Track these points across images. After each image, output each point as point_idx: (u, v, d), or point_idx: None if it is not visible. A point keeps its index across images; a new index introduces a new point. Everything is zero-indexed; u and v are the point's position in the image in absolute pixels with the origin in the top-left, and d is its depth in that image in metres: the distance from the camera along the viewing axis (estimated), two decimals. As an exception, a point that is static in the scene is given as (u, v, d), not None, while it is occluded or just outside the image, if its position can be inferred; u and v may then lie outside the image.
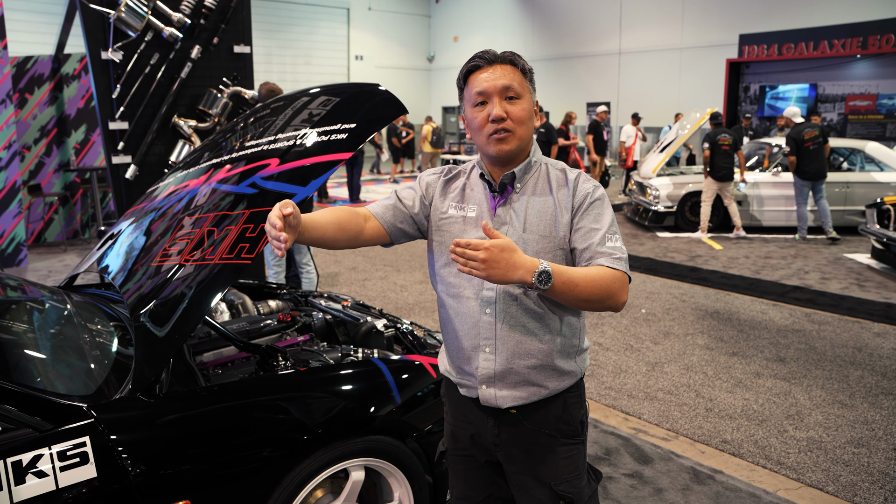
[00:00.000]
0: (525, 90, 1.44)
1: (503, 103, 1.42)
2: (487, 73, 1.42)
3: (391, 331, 2.52)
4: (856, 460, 2.94)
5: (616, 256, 1.37)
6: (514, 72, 1.43)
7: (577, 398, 1.52)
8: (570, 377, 1.50)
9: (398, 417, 1.98)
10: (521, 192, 1.47)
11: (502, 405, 1.46)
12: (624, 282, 1.36)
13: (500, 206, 1.47)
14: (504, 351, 1.44)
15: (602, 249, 1.38)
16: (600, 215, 1.42)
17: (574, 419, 1.50)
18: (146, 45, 4.36)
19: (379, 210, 1.53)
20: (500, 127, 1.41)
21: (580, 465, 1.52)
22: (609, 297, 1.33)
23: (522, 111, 1.42)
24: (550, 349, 1.45)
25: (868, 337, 4.56)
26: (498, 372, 1.45)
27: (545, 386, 1.46)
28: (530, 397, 1.46)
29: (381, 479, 2.03)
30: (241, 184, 2.08)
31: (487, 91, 1.42)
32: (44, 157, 7.55)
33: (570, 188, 1.45)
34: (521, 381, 1.45)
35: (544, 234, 1.43)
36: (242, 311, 2.75)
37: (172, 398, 1.72)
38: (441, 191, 1.54)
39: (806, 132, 7.45)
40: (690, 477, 2.78)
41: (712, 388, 3.74)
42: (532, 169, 1.49)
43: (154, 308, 1.83)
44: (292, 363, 2.09)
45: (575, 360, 1.51)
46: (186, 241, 2.00)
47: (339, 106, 2.16)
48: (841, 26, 12.57)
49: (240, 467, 1.71)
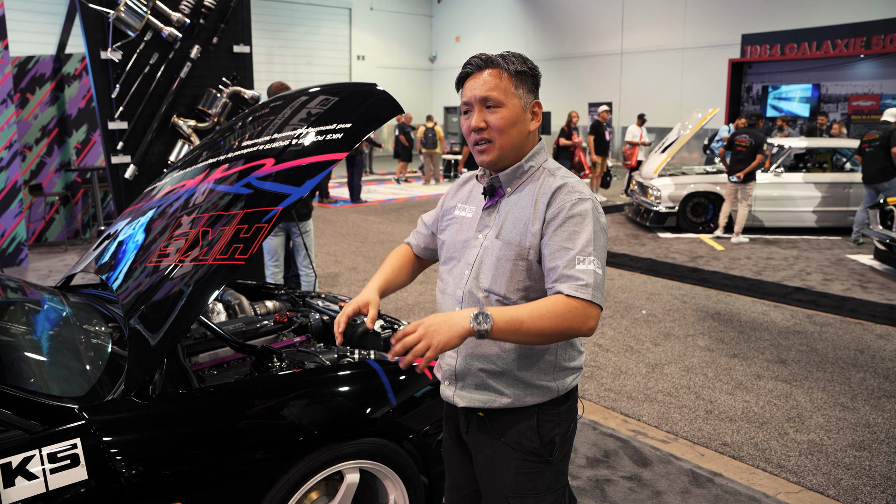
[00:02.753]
0: (509, 96, 1.40)
1: (483, 112, 1.41)
2: (473, 82, 1.43)
3: (388, 332, 2.50)
4: (857, 464, 2.92)
5: (581, 283, 1.27)
6: (499, 77, 1.40)
7: (553, 416, 1.46)
8: (543, 393, 1.45)
9: (394, 419, 1.97)
10: (509, 196, 1.46)
11: (458, 404, 1.49)
12: (585, 313, 1.26)
13: (487, 209, 1.48)
14: (464, 350, 1.46)
15: (568, 272, 1.29)
16: (575, 234, 1.33)
17: (541, 437, 1.45)
18: (145, 45, 4.35)
19: (412, 240, 1.73)
20: (480, 137, 1.42)
21: (540, 485, 1.46)
22: (566, 330, 1.26)
23: (501, 119, 1.40)
24: (512, 358, 1.42)
25: (870, 339, 4.53)
26: (458, 371, 1.48)
27: (504, 394, 1.44)
28: (488, 402, 1.45)
29: (376, 482, 2.02)
30: (237, 184, 2.06)
31: (469, 100, 1.43)
32: (45, 157, 7.55)
33: (547, 196, 1.39)
34: (478, 383, 1.46)
35: (509, 241, 1.41)
36: (239, 311, 2.74)
37: (165, 399, 1.71)
38: (454, 192, 1.61)
39: (867, 134, 7.26)
40: (690, 480, 2.76)
41: (713, 389, 3.71)
42: (525, 173, 1.46)
43: (147, 309, 1.81)
44: (287, 364, 2.07)
45: (552, 377, 1.45)
46: (181, 241, 1.99)
47: (335, 106, 2.15)
48: (844, 26, 12.53)
49: (233, 469, 1.69)
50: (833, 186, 7.98)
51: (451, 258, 1.52)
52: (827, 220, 8.07)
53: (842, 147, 8.55)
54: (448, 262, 1.53)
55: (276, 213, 1.83)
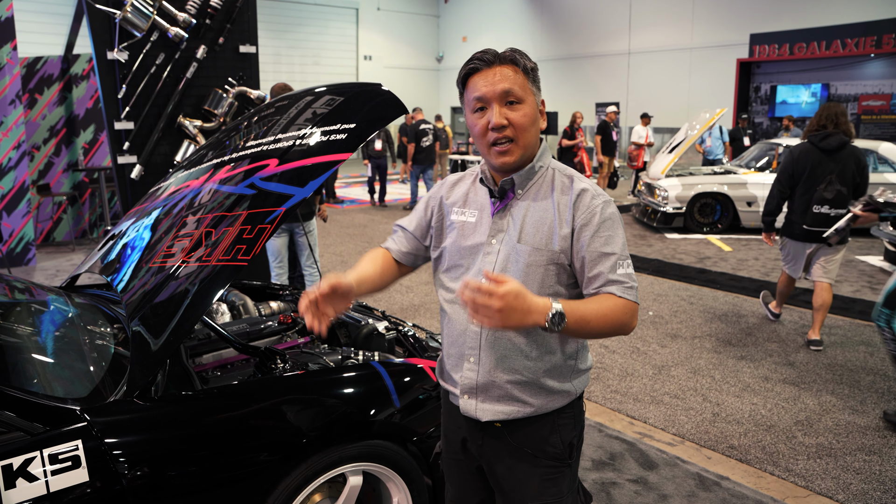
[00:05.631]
0: (527, 92, 1.35)
1: (503, 109, 1.34)
2: (486, 77, 1.34)
3: (392, 333, 2.49)
4: (867, 468, 2.88)
5: (627, 286, 1.31)
6: (516, 73, 1.35)
7: (569, 419, 1.45)
8: (562, 397, 1.43)
9: (397, 422, 1.95)
10: (521, 199, 1.40)
11: (482, 418, 1.43)
12: (634, 312, 1.31)
13: (499, 213, 1.42)
14: (487, 363, 1.40)
15: (613, 277, 1.31)
16: (612, 238, 1.33)
17: (562, 441, 1.44)
18: (152, 45, 4.36)
19: (391, 245, 1.61)
20: (500, 136, 1.34)
21: (563, 487, 1.45)
22: (619, 328, 1.30)
23: (524, 117, 1.34)
24: (538, 367, 1.39)
25: (879, 341, 4.48)
26: (480, 384, 1.42)
27: (530, 403, 1.40)
28: (513, 413, 1.41)
29: (379, 484, 2.01)
30: (241, 184, 2.06)
31: (486, 96, 1.34)
32: (53, 157, 7.59)
33: (571, 199, 1.35)
34: (503, 395, 1.41)
35: (537, 247, 1.36)
36: (243, 312, 2.73)
37: (167, 401, 1.70)
38: (445, 196, 1.53)
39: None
40: (696, 483, 2.73)
41: (720, 392, 3.68)
42: (536, 174, 1.41)
43: (149, 310, 1.81)
44: (291, 366, 2.06)
45: (570, 381, 1.44)
46: (185, 242, 1.99)
47: (340, 106, 2.14)
48: (854, 25, 12.43)
49: (235, 471, 1.69)
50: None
51: (455, 265, 1.46)
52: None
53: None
54: (452, 269, 1.46)
55: (280, 214, 1.82)
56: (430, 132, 10.62)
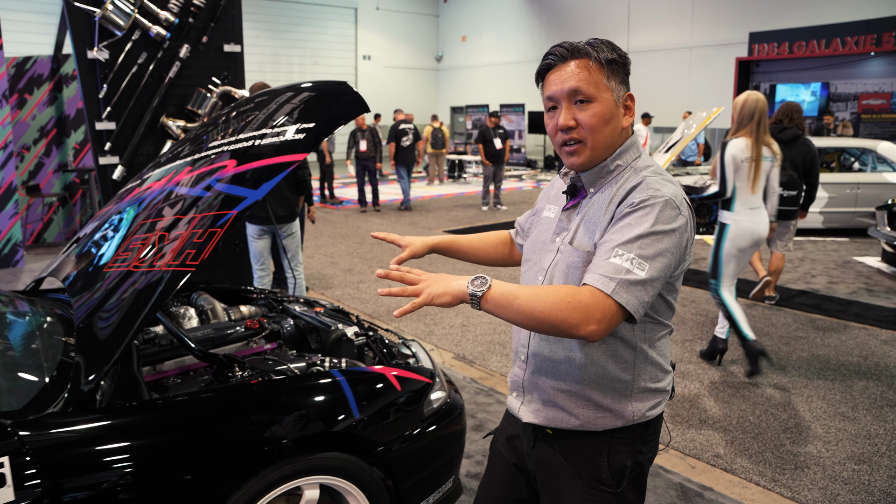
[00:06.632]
0: (601, 89, 1.25)
1: (572, 109, 1.27)
2: (557, 74, 1.28)
3: (362, 339, 2.42)
4: (856, 478, 2.79)
5: (609, 276, 1.14)
6: (588, 68, 1.25)
7: (627, 445, 1.31)
8: (617, 417, 1.30)
9: (357, 433, 1.88)
10: (591, 197, 1.32)
11: (522, 418, 1.39)
12: (590, 310, 1.12)
13: (566, 211, 1.37)
14: (533, 363, 1.36)
15: (601, 263, 1.17)
16: (629, 227, 1.19)
17: (611, 466, 1.31)
18: (133, 44, 4.29)
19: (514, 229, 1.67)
20: (568, 137, 1.28)
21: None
22: (559, 323, 1.12)
23: (593, 117, 1.25)
24: (582, 376, 1.29)
25: (875, 345, 4.39)
26: (526, 384, 1.39)
27: (575, 415, 1.31)
28: (555, 421, 1.33)
29: (340, 498, 1.93)
30: (198, 186, 1.99)
31: (555, 95, 1.28)
32: (43, 158, 7.55)
33: (622, 194, 1.25)
34: (546, 400, 1.35)
35: (579, 246, 1.28)
36: (212, 316, 2.66)
37: (110, 412, 1.63)
38: (548, 189, 1.51)
39: None
40: (678, 494, 2.65)
41: (707, 397, 3.60)
42: (610, 173, 1.30)
43: (96, 317, 1.74)
44: (249, 374, 1.99)
45: (629, 400, 1.30)
46: (138, 246, 1.92)
47: (302, 105, 2.08)
48: (855, 23, 12.31)
49: (182, 486, 1.61)
50: (840, 187, 7.81)
51: (527, 259, 1.44)
52: (834, 222, 7.90)
53: (850, 147, 8.37)
54: (525, 262, 1.45)
55: (231, 217, 1.75)
56: (410, 132, 10.78)
